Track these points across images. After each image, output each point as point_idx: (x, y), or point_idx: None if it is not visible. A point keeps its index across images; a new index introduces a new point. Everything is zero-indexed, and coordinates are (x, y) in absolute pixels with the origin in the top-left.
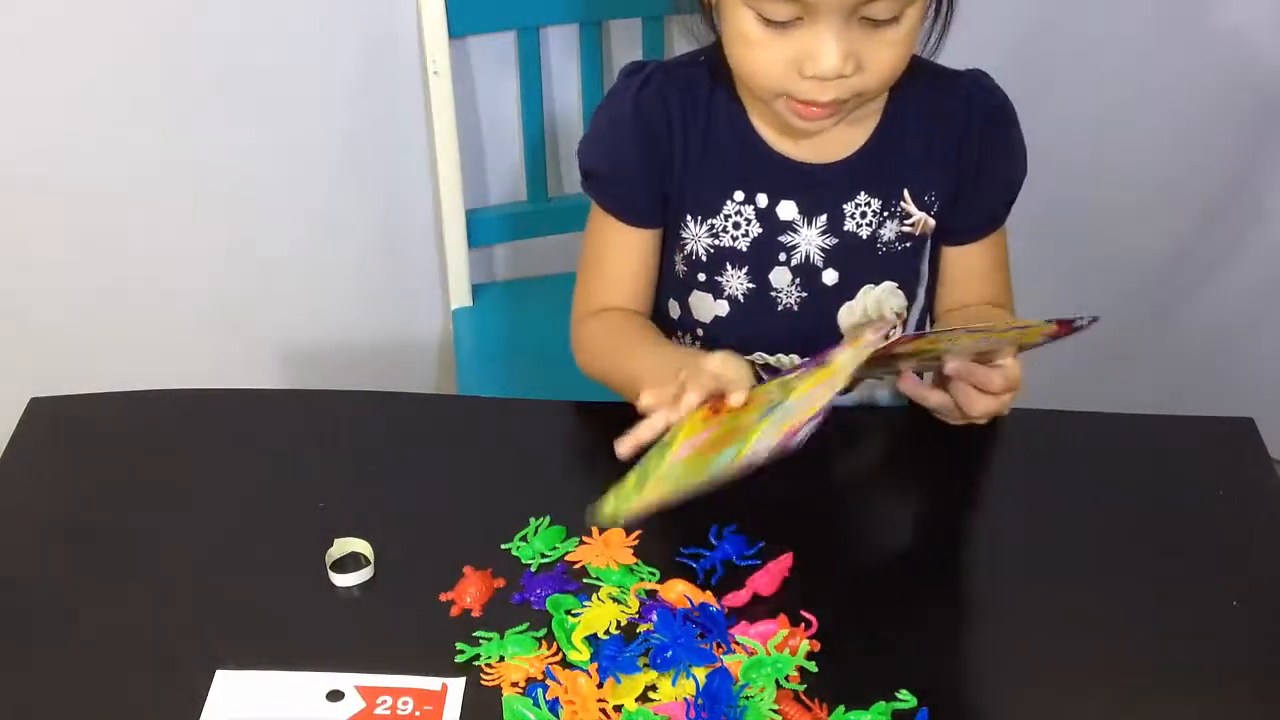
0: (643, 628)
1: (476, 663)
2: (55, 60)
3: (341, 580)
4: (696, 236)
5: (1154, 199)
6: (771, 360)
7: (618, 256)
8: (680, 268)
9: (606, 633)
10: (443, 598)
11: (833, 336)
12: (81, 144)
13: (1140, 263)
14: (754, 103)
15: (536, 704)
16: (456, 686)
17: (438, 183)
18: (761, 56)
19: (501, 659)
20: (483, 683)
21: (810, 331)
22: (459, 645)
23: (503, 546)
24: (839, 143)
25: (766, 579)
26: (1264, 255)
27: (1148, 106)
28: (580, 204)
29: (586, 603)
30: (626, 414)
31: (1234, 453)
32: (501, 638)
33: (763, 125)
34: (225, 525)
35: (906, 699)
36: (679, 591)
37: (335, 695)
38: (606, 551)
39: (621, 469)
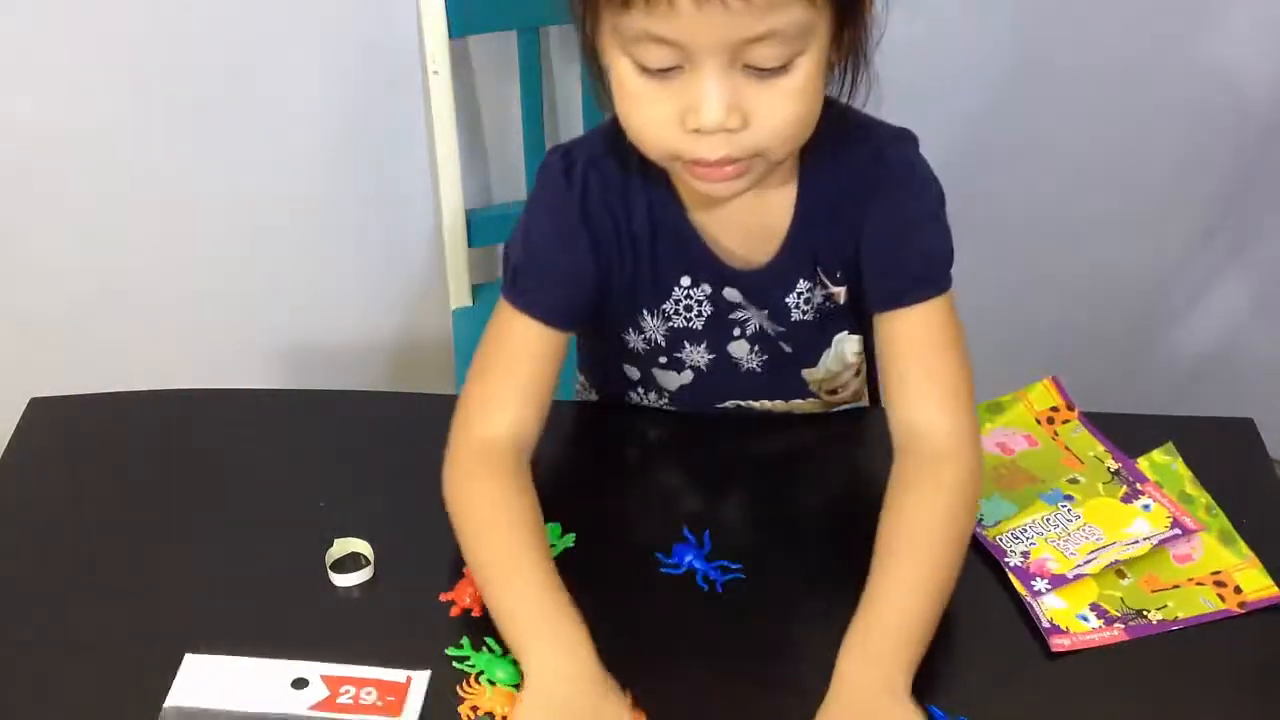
0: None
1: (468, 666)
2: (55, 60)
3: (341, 580)
4: (654, 327)
5: (1154, 204)
6: (744, 404)
7: (535, 366)
8: (639, 347)
9: None
10: (443, 598)
11: (799, 390)
12: (81, 145)
13: (1141, 266)
14: (680, 185)
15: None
16: (421, 679)
17: (438, 183)
18: (645, 112)
19: (492, 682)
20: (460, 694)
21: (777, 386)
22: (462, 640)
23: None
24: (766, 227)
25: None
26: (1263, 258)
27: (1148, 116)
28: None
29: None
30: (625, 414)
31: (1234, 453)
32: (504, 653)
33: (693, 210)
34: (225, 525)
35: None
36: None
37: (300, 683)
38: None
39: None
